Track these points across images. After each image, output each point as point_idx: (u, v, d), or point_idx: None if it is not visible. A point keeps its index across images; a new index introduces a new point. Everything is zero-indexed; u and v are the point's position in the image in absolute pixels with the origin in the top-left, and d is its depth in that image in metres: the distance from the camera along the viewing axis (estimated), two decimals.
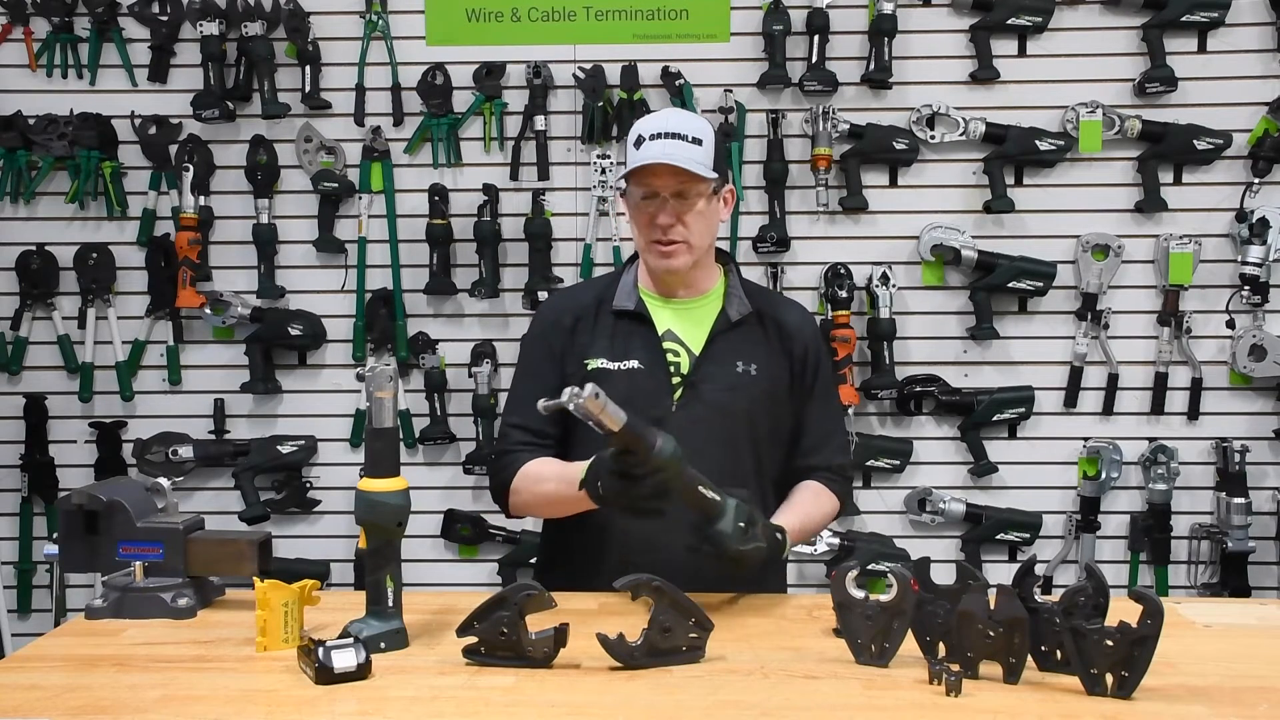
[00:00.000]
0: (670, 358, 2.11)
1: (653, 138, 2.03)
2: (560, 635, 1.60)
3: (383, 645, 1.65)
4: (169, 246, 3.50)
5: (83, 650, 1.69)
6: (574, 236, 3.52)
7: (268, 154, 3.51)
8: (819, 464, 2.19)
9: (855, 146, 3.46)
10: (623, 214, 2.53)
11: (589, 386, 1.64)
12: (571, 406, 1.64)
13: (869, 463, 3.50)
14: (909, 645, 1.59)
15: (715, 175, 2.06)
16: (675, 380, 2.10)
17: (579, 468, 1.92)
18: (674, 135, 2.02)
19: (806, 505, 2.14)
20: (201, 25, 3.44)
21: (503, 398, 3.07)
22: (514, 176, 3.52)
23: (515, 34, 3.51)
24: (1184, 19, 3.40)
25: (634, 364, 2.09)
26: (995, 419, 3.50)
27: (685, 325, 2.14)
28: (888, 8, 3.40)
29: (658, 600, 1.61)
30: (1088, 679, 1.48)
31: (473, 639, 1.61)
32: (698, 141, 2.03)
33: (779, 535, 1.94)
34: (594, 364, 2.09)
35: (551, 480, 2.04)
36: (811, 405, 2.20)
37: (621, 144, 3.38)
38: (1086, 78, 3.45)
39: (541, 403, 1.69)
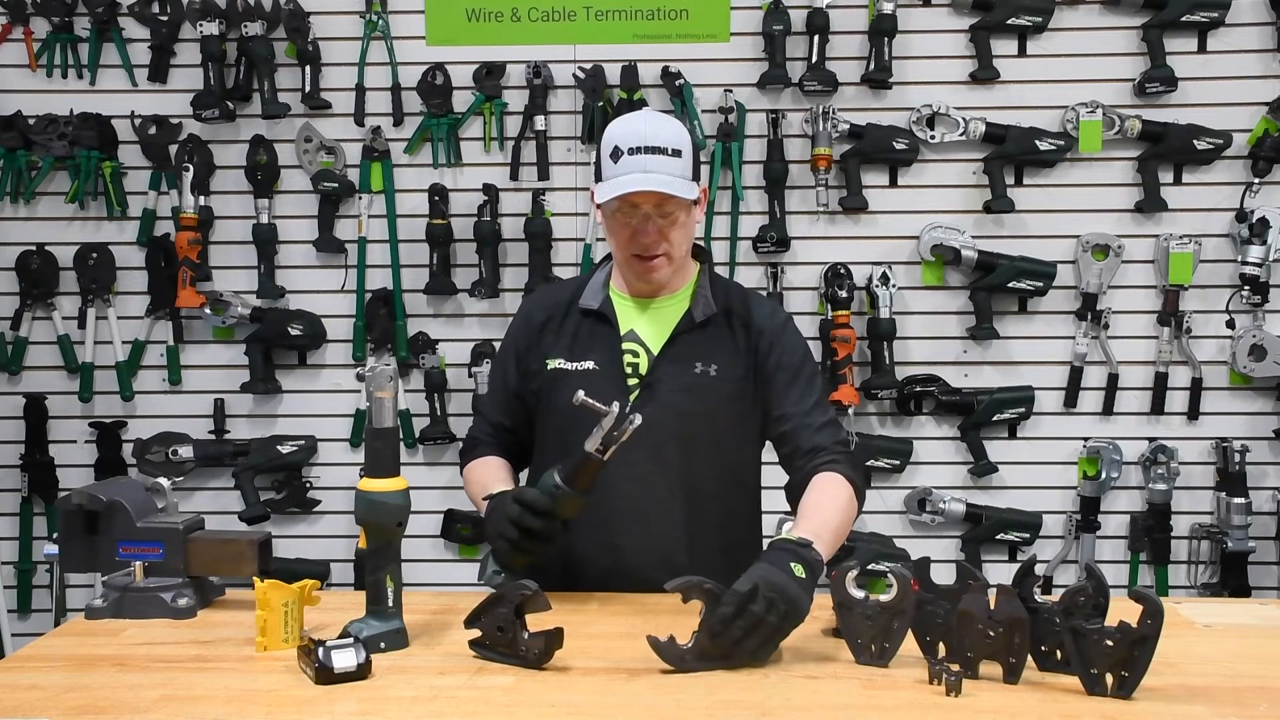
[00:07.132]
0: (629, 359, 2.06)
1: (631, 152, 1.96)
2: (553, 638, 1.59)
3: (383, 645, 1.65)
4: (169, 246, 3.50)
5: (83, 650, 1.69)
6: (574, 236, 3.52)
7: (268, 154, 3.51)
8: (807, 446, 2.01)
9: (855, 146, 3.46)
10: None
11: (637, 417, 1.74)
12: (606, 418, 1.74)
13: (869, 463, 3.50)
14: (909, 645, 1.59)
15: (698, 190, 2.02)
16: (633, 381, 2.05)
17: (498, 486, 2.00)
18: (654, 149, 1.95)
19: (818, 506, 1.90)
20: (201, 25, 3.44)
21: None
22: (514, 176, 3.52)
23: (515, 34, 3.51)
24: (1184, 19, 3.40)
25: (590, 365, 2.05)
26: (995, 419, 3.50)
27: (650, 325, 2.09)
28: (888, 8, 3.40)
29: (709, 603, 1.57)
30: (1088, 679, 1.48)
31: (477, 632, 1.63)
32: (677, 153, 1.97)
33: (802, 564, 1.66)
34: (553, 364, 2.08)
35: (475, 485, 2.12)
36: (776, 390, 2.05)
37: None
38: (1086, 78, 3.45)
39: (581, 395, 1.76)
